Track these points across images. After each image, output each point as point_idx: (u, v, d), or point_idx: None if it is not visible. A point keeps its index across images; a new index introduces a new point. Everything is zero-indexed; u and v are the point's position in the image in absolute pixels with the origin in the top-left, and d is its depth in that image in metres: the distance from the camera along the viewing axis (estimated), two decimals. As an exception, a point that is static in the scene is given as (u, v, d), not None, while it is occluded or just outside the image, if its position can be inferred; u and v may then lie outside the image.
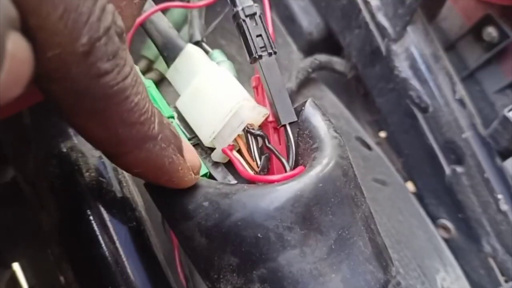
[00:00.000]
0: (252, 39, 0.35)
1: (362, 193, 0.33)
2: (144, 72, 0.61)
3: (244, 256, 0.29)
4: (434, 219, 0.73)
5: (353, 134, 0.72)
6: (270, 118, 0.36)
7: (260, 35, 0.35)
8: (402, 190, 0.71)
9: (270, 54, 0.35)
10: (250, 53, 0.35)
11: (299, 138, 0.35)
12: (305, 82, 0.72)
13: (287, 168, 0.33)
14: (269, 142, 0.34)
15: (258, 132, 0.35)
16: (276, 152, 0.34)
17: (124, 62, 0.23)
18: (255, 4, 0.36)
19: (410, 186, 0.77)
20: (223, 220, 0.30)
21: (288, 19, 0.80)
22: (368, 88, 0.75)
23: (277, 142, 0.36)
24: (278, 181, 0.31)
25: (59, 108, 0.23)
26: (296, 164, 0.34)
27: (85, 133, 0.25)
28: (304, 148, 0.34)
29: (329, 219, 0.30)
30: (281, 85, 0.35)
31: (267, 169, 0.35)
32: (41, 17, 0.19)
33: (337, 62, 0.77)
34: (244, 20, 0.35)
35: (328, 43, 0.79)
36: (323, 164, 0.31)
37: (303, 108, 0.35)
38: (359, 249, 0.30)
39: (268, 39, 0.35)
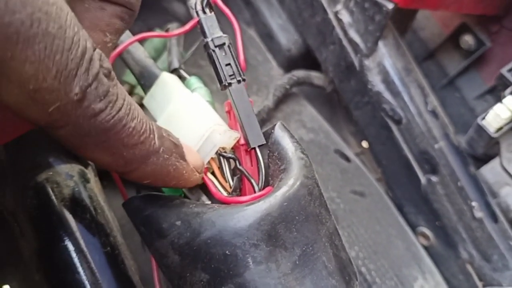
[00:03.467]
0: (221, 68, 0.37)
1: (327, 211, 0.35)
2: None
3: (213, 272, 0.31)
4: (413, 227, 0.75)
5: (332, 147, 0.74)
6: (242, 141, 0.38)
7: (229, 64, 0.37)
8: (381, 200, 0.73)
9: (239, 82, 0.37)
10: (220, 81, 0.37)
11: (269, 159, 0.37)
12: (284, 98, 0.74)
13: (256, 189, 0.35)
14: (240, 164, 0.36)
15: (230, 155, 0.37)
16: (247, 174, 0.36)
17: (116, 96, 0.26)
18: (224, 35, 0.38)
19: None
20: (194, 238, 0.32)
21: (267, 36, 0.83)
22: (346, 102, 0.78)
23: (249, 164, 0.38)
24: (247, 201, 0.33)
25: (68, 147, 0.27)
26: (267, 184, 0.36)
27: (95, 161, 0.29)
28: (274, 169, 0.36)
29: (293, 236, 0.32)
30: (250, 110, 0.37)
31: (239, 189, 0.37)
32: (38, 81, 0.23)
33: (316, 77, 0.79)
34: (213, 50, 0.37)
35: (307, 58, 0.82)
36: (289, 184, 0.33)
37: (272, 131, 0.37)
38: (322, 264, 0.32)
39: (237, 68, 0.37)
